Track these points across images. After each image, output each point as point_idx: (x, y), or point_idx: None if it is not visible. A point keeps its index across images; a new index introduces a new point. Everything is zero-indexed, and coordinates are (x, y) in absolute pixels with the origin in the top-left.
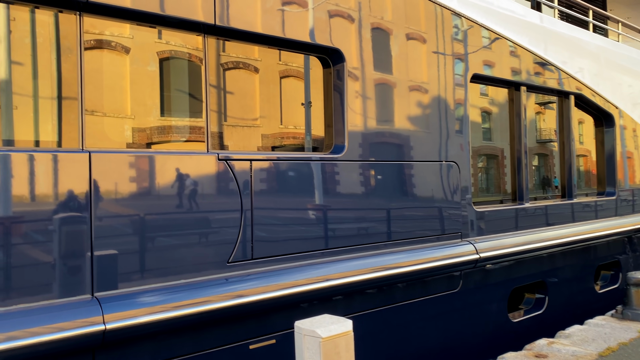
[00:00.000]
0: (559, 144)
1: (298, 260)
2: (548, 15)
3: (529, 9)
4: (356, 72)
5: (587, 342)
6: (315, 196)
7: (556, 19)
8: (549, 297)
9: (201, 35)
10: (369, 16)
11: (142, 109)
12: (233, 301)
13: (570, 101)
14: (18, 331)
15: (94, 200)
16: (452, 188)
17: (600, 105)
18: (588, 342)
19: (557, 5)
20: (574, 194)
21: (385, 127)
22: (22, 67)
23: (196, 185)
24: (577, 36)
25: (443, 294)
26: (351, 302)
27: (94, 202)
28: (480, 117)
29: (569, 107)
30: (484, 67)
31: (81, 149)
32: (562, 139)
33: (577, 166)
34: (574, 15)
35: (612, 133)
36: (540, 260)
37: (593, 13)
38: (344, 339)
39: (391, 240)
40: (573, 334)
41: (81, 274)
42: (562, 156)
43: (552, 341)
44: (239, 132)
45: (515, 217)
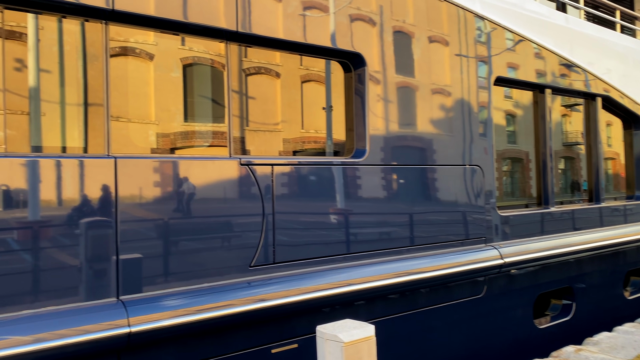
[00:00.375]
0: (585, 147)
1: (320, 264)
2: (573, 16)
3: (554, 10)
4: (377, 75)
5: (616, 350)
6: (337, 200)
7: (582, 19)
8: (577, 304)
9: (224, 42)
10: (390, 19)
11: (166, 114)
12: (255, 305)
13: (597, 103)
14: (46, 333)
15: (119, 204)
16: (476, 192)
17: (628, 107)
18: (617, 350)
19: (583, 6)
20: (602, 198)
21: (408, 131)
22: (50, 75)
23: (219, 190)
24: (604, 37)
25: (467, 300)
26: (373, 307)
27: (119, 207)
28: (505, 119)
29: (596, 109)
30: (508, 70)
31: (107, 155)
32: (589, 142)
33: (605, 169)
34: (600, 15)
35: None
36: (567, 266)
37: (620, 13)
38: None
39: (414, 245)
40: (601, 341)
41: (107, 278)
42: (589, 159)
43: (580, 348)
44: (261, 136)
45: (540, 222)
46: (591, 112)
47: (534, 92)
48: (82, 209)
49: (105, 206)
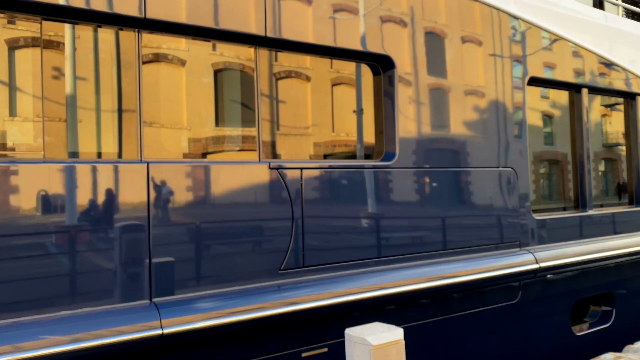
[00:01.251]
0: (626, 148)
1: (350, 268)
2: (611, 14)
3: (590, 8)
4: (407, 77)
5: None
6: (366, 204)
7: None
8: (617, 310)
9: (253, 47)
10: (421, 20)
11: (197, 119)
12: (286, 308)
13: (637, 102)
14: (83, 333)
15: (152, 209)
16: (510, 195)
17: None
18: None
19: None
20: None
21: (439, 133)
22: (86, 82)
23: (248, 194)
24: None
25: (501, 305)
26: (405, 312)
27: (151, 211)
28: (542, 120)
29: (636, 109)
30: (543, 70)
31: (140, 160)
32: (630, 143)
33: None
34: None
35: None
36: (606, 271)
37: None
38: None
39: (446, 249)
40: None
41: (140, 280)
42: (630, 161)
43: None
44: (291, 140)
45: (577, 226)
46: (631, 112)
47: (570, 92)
48: (116, 213)
49: (138, 210)
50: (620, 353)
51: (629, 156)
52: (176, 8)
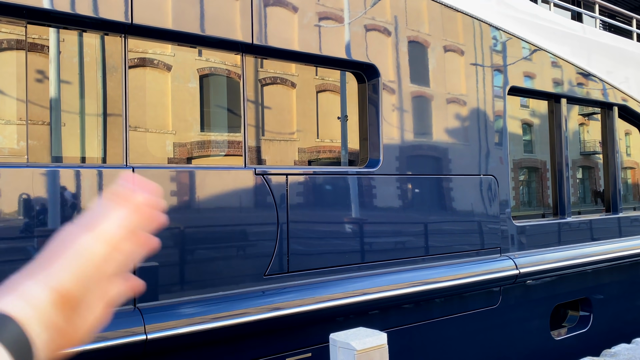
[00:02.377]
0: (603, 157)
1: (334, 273)
2: (589, 26)
3: (570, 20)
4: (391, 86)
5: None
6: (351, 210)
7: (598, 29)
8: (594, 315)
9: (239, 54)
10: (405, 29)
11: (183, 125)
12: (270, 314)
13: (614, 112)
14: None
15: None
16: (491, 202)
17: None
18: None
19: (599, 16)
20: (620, 207)
21: (422, 140)
22: (71, 86)
23: (234, 200)
24: (621, 46)
25: (482, 310)
26: (388, 316)
27: None
28: (521, 129)
29: (613, 118)
30: (523, 79)
31: (125, 165)
32: (606, 152)
33: (625, 179)
34: (616, 25)
35: None
36: (584, 277)
37: (637, 22)
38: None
39: (428, 255)
40: (619, 352)
41: None
42: (607, 169)
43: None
44: (276, 146)
45: (556, 232)
46: (608, 121)
47: (550, 102)
48: None
49: None
50: (598, 357)
51: (605, 164)
52: (163, 14)
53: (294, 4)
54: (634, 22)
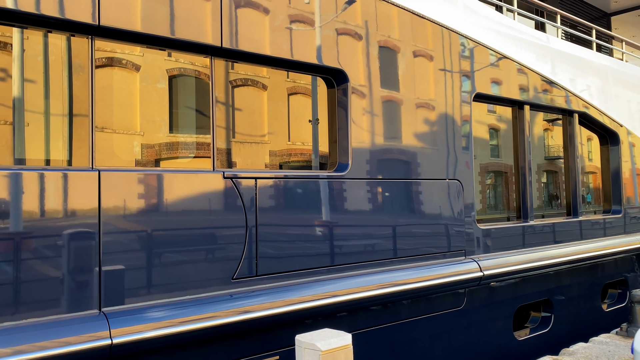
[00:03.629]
0: (564, 162)
1: (303, 277)
2: (552, 36)
3: (533, 30)
4: (360, 91)
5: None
6: (319, 213)
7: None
8: (555, 315)
9: (208, 57)
10: (375, 35)
11: (151, 126)
12: (237, 317)
13: (574, 119)
14: (26, 345)
15: (102, 217)
16: (457, 206)
17: (604, 124)
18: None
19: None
20: (580, 211)
21: (389, 145)
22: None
23: (202, 203)
24: (582, 55)
25: (447, 312)
26: (356, 318)
27: (102, 219)
28: (488, 134)
29: (574, 125)
30: (488, 86)
31: (91, 167)
32: (567, 157)
33: (588, 183)
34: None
35: (617, 151)
36: (545, 278)
37: (597, 32)
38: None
39: (395, 258)
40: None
41: (89, 289)
42: (568, 174)
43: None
44: (247, 149)
45: (519, 235)
46: (569, 128)
47: (514, 108)
48: (64, 221)
49: (88, 218)
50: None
51: (566, 169)
52: (131, 16)
53: (264, 7)
54: (594, 32)
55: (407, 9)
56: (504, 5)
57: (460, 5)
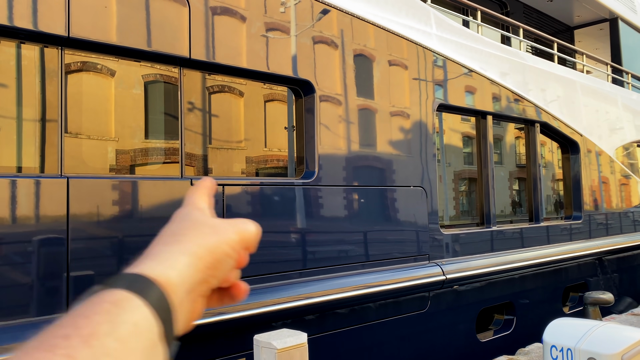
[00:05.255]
0: (526, 169)
1: (270, 280)
2: (516, 49)
3: (498, 43)
4: (327, 101)
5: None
6: (287, 220)
7: (524, 52)
8: (517, 318)
9: (177, 67)
10: (343, 47)
11: (123, 132)
12: (205, 320)
13: (535, 129)
14: None
15: (71, 223)
16: (420, 212)
17: (564, 133)
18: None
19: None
20: (541, 217)
21: (355, 153)
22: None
23: (170, 209)
24: (543, 68)
25: (412, 314)
26: (324, 321)
27: (71, 226)
28: (462, 141)
29: (535, 134)
30: (450, 97)
31: (60, 175)
32: (529, 165)
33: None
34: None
35: (577, 159)
36: (507, 282)
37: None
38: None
39: (360, 262)
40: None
41: (58, 294)
42: (530, 181)
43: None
44: (219, 155)
45: (482, 240)
46: (530, 137)
47: (477, 118)
48: (33, 227)
49: (57, 225)
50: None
51: (529, 177)
52: (100, 28)
53: (232, 19)
54: (555, 45)
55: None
56: (470, 20)
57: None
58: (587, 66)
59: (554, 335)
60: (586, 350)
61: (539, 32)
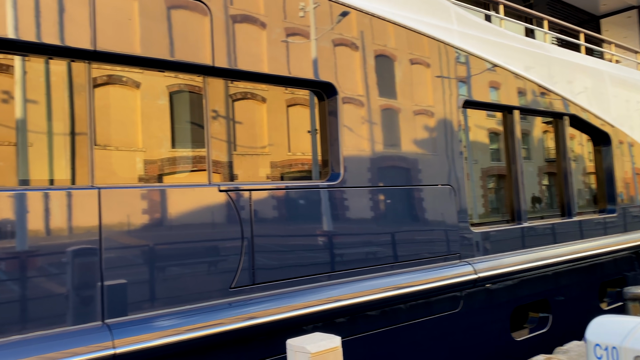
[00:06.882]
0: (556, 164)
1: (299, 284)
2: (541, 42)
3: (522, 37)
4: (350, 103)
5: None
6: (313, 223)
7: (549, 44)
8: (553, 315)
9: (201, 76)
10: (367, 48)
11: (151, 142)
12: (237, 324)
13: (564, 122)
14: (35, 357)
15: (103, 233)
16: (449, 211)
17: (594, 125)
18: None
19: (549, 31)
20: (574, 212)
21: (380, 153)
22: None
23: (199, 216)
24: (569, 59)
25: (445, 315)
26: (355, 323)
27: (103, 235)
28: (489, 138)
29: (563, 127)
30: (475, 94)
31: (91, 186)
32: (559, 159)
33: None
34: (567, 39)
35: (608, 151)
36: (541, 279)
37: (587, 36)
38: (332, 354)
39: (389, 264)
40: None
41: (93, 303)
42: (560, 175)
43: (549, 357)
44: (245, 161)
45: (513, 237)
46: (559, 130)
47: (503, 114)
48: (67, 238)
49: (90, 235)
50: (551, 354)
51: (559, 171)
52: (125, 41)
53: (253, 26)
54: (581, 35)
55: (390, 20)
56: (493, 14)
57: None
58: (615, 55)
59: (597, 334)
60: (632, 349)
61: (564, 23)
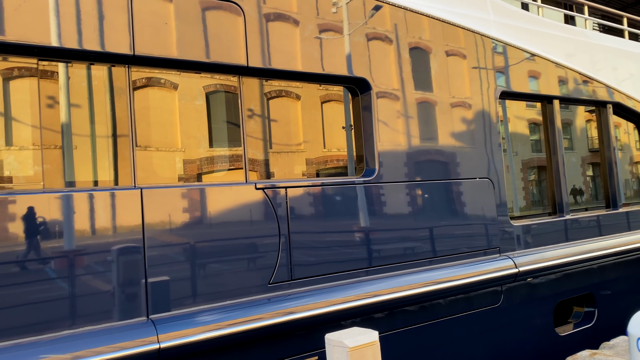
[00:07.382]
0: (600, 154)
1: (336, 279)
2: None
3: (561, 24)
4: (384, 98)
5: None
6: (350, 218)
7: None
8: (598, 310)
9: (236, 76)
10: (398, 42)
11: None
12: (276, 319)
13: (608, 110)
14: (83, 351)
15: (146, 232)
16: (488, 204)
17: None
18: None
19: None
20: (619, 203)
21: (416, 148)
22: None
23: (237, 214)
24: (612, 45)
25: (485, 309)
26: (393, 318)
27: (146, 234)
28: (529, 129)
29: (607, 116)
30: (513, 84)
31: (134, 186)
32: (603, 149)
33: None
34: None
35: None
36: (585, 273)
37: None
38: (370, 349)
39: (427, 259)
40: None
41: (137, 300)
42: (604, 166)
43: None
44: (281, 159)
45: (555, 231)
46: (603, 120)
47: (542, 104)
48: (112, 237)
49: (134, 234)
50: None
51: (603, 162)
52: (162, 44)
53: (286, 24)
54: (625, 20)
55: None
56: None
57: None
58: None
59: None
60: None
61: (605, 8)
